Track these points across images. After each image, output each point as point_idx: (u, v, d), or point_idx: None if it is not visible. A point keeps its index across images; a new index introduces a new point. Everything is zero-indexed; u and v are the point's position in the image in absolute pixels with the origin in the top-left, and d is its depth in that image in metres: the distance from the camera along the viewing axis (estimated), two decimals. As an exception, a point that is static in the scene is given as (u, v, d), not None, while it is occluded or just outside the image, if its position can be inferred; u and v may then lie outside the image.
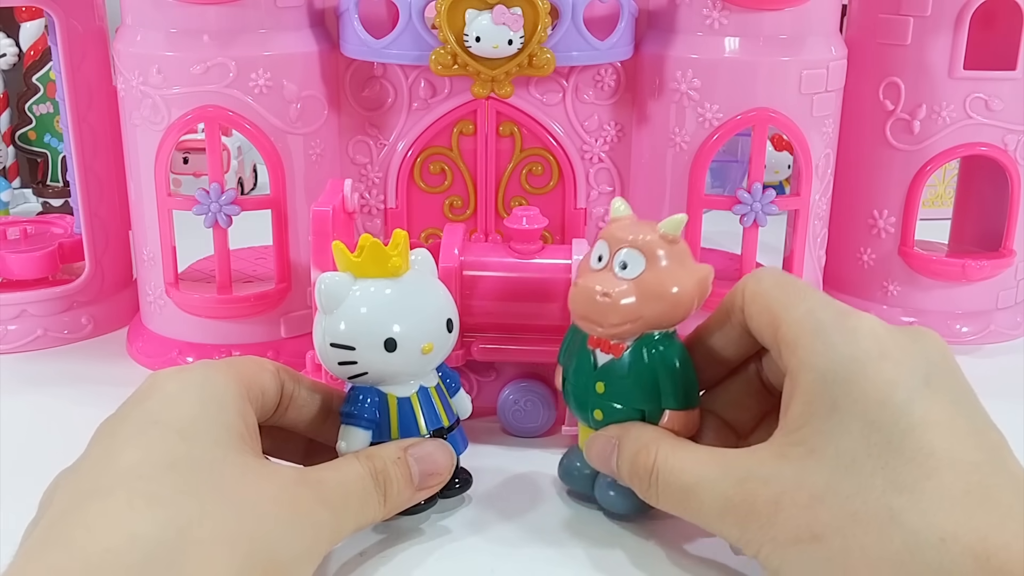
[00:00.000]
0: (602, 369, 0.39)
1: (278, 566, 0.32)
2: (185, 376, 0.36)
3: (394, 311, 0.38)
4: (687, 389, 0.39)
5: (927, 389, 0.33)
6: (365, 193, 0.56)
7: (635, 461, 0.38)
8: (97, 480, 0.31)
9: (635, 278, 0.38)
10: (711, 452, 0.37)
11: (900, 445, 0.32)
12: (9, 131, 0.86)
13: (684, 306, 0.38)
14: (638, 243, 0.38)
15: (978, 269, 0.60)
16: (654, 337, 0.39)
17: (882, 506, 0.31)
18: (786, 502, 0.33)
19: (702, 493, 0.35)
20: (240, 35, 0.50)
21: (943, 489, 0.31)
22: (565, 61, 0.50)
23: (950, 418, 0.33)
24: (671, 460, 0.37)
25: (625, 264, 0.38)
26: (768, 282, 0.38)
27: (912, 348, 0.34)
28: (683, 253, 0.39)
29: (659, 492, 0.37)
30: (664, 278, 0.38)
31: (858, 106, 0.59)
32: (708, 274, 0.39)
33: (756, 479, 0.34)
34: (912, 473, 0.31)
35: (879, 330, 0.34)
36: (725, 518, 0.35)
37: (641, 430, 0.39)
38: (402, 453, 0.38)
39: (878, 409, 0.32)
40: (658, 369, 0.39)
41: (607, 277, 0.38)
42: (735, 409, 0.41)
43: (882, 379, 0.33)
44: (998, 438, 0.33)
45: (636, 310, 0.38)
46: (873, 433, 0.32)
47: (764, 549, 0.34)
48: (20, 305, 0.58)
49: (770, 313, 0.37)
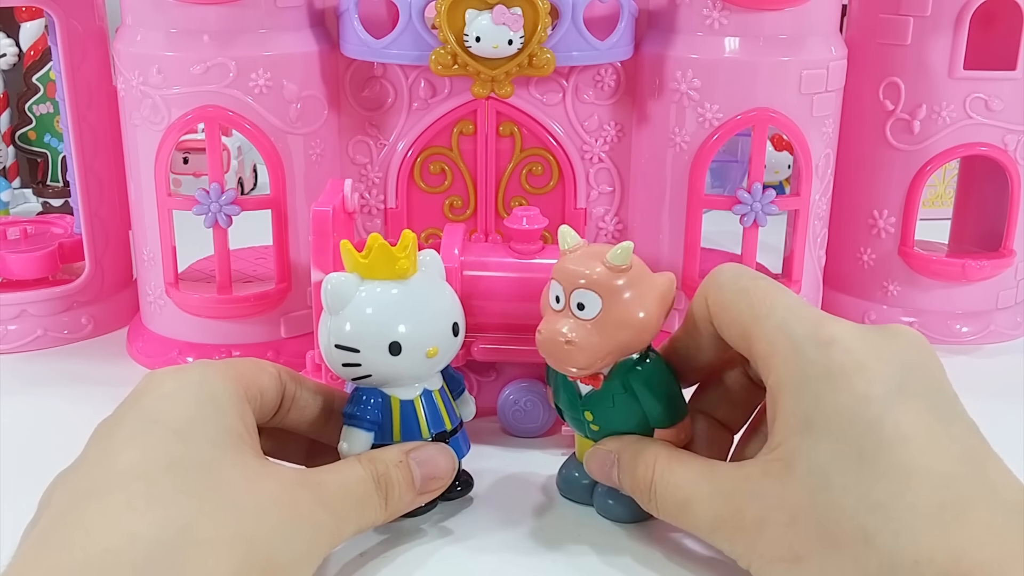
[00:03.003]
0: (586, 399, 0.40)
1: (277, 567, 0.32)
2: (183, 375, 0.36)
3: (400, 314, 0.38)
4: (671, 404, 0.39)
5: (901, 397, 0.32)
6: (365, 193, 0.56)
7: (635, 476, 0.38)
8: (96, 480, 0.31)
9: (594, 318, 0.37)
10: (704, 467, 0.37)
11: (873, 462, 0.32)
12: (9, 131, 0.86)
13: (652, 326, 0.38)
14: (591, 283, 0.37)
15: (978, 269, 0.60)
16: (631, 362, 0.38)
17: (856, 526, 0.31)
18: (770, 520, 0.34)
19: (696, 508, 0.36)
20: (240, 35, 0.50)
21: (916, 508, 0.31)
22: (565, 61, 0.50)
23: (926, 428, 0.32)
24: (667, 476, 0.37)
25: (582, 305, 0.37)
26: (731, 290, 0.37)
27: (887, 353, 0.34)
28: (638, 275, 0.38)
29: (658, 505, 0.38)
30: (625, 310, 0.37)
31: (858, 106, 0.59)
32: (670, 282, 0.39)
33: (743, 495, 0.35)
34: (885, 490, 0.31)
35: (853, 340, 0.34)
36: (717, 532, 0.35)
37: (639, 444, 0.39)
38: (404, 456, 0.38)
39: (851, 426, 0.32)
40: (639, 393, 0.39)
41: (566, 319, 0.38)
42: (725, 407, 0.41)
43: (855, 393, 0.33)
44: (977, 443, 0.33)
45: (601, 347, 0.37)
46: (847, 450, 0.32)
47: (754, 565, 0.34)
48: (20, 305, 0.58)
49: (740, 326, 0.36)
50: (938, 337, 0.60)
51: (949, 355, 0.58)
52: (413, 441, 0.39)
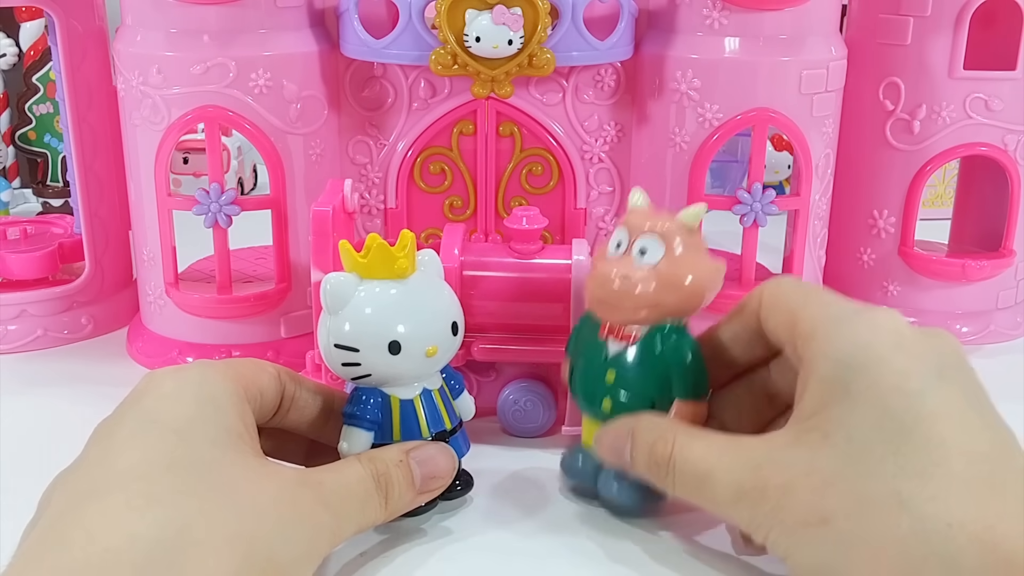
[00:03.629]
0: (613, 358, 0.40)
1: (277, 567, 0.32)
2: (182, 375, 0.36)
3: (399, 313, 0.38)
4: (697, 380, 0.39)
5: (940, 381, 0.33)
6: (365, 193, 0.56)
7: (652, 451, 0.38)
8: (95, 481, 0.31)
9: (654, 265, 0.38)
10: (727, 440, 0.37)
11: (912, 432, 0.32)
12: (9, 131, 0.86)
13: (698, 296, 0.39)
14: (657, 230, 0.39)
15: (978, 269, 0.60)
16: (667, 327, 0.39)
17: (891, 491, 0.31)
18: (797, 486, 0.33)
19: (717, 480, 0.36)
20: (240, 35, 0.50)
21: (952, 477, 0.31)
22: (565, 61, 0.50)
23: (961, 410, 0.33)
24: (687, 449, 0.37)
25: (644, 250, 0.39)
26: (786, 285, 0.39)
27: (927, 343, 0.35)
28: (700, 245, 0.40)
29: (675, 480, 0.37)
30: (681, 266, 0.39)
31: (858, 106, 0.59)
32: (721, 268, 0.40)
33: (770, 465, 0.34)
34: (922, 460, 0.32)
35: (897, 323, 0.35)
36: (738, 504, 0.35)
37: (655, 420, 0.39)
38: (404, 456, 0.38)
39: (892, 396, 0.33)
40: (670, 358, 0.39)
41: (626, 263, 0.39)
42: (739, 417, 0.41)
43: (896, 368, 0.33)
44: (1008, 434, 0.33)
45: (654, 296, 0.38)
46: (886, 420, 0.32)
47: (773, 532, 0.34)
48: (20, 305, 0.58)
49: (788, 311, 0.37)
50: (938, 337, 0.60)
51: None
52: (413, 441, 0.39)
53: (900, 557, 0.31)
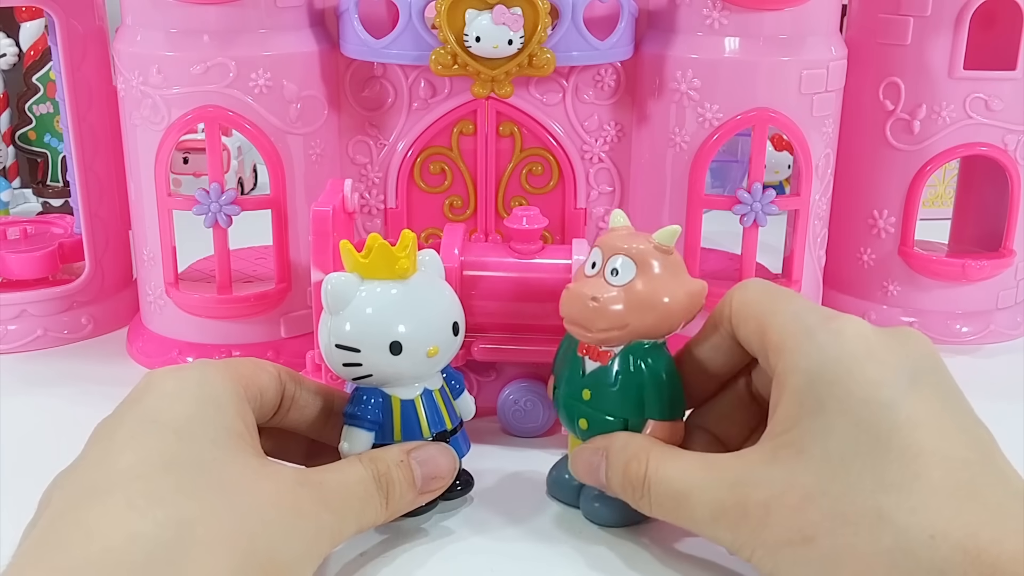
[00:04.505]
0: (589, 376, 0.40)
1: (277, 566, 0.32)
2: (182, 375, 0.35)
3: (400, 313, 0.38)
4: (672, 400, 0.39)
5: (913, 388, 0.33)
6: (365, 193, 0.56)
7: (626, 471, 0.38)
8: (96, 480, 0.31)
9: (625, 285, 0.38)
10: (701, 458, 0.37)
11: (888, 444, 0.32)
12: (9, 131, 0.86)
13: (673, 317, 0.39)
14: (631, 251, 0.38)
15: (978, 269, 0.60)
16: (643, 346, 0.39)
17: (871, 505, 0.31)
18: (776, 504, 0.33)
19: (694, 499, 0.35)
20: (240, 35, 0.50)
21: (932, 486, 0.31)
22: (565, 61, 0.50)
23: (937, 416, 0.33)
24: (662, 469, 0.37)
25: (616, 271, 0.38)
26: (754, 291, 0.38)
27: (898, 348, 0.34)
28: (676, 265, 0.39)
29: (652, 501, 0.37)
30: (654, 288, 0.38)
31: (858, 106, 0.59)
32: (701, 289, 0.39)
33: (747, 483, 0.34)
34: (900, 471, 0.31)
35: (865, 331, 0.35)
36: (717, 523, 0.35)
37: (628, 440, 0.39)
38: (405, 456, 0.38)
39: (865, 408, 0.32)
40: (644, 378, 0.39)
41: (598, 283, 0.39)
42: (725, 423, 0.41)
43: (868, 378, 0.33)
44: (986, 435, 0.33)
45: (623, 317, 0.38)
46: (860, 432, 0.32)
47: (757, 553, 0.34)
48: (20, 305, 0.58)
49: (757, 320, 0.37)
50: (938, 337, 0.60)
51: (949, 355, 0.57)
52: (414, 441, 0.39)
53: (886, 571, 0.31)
